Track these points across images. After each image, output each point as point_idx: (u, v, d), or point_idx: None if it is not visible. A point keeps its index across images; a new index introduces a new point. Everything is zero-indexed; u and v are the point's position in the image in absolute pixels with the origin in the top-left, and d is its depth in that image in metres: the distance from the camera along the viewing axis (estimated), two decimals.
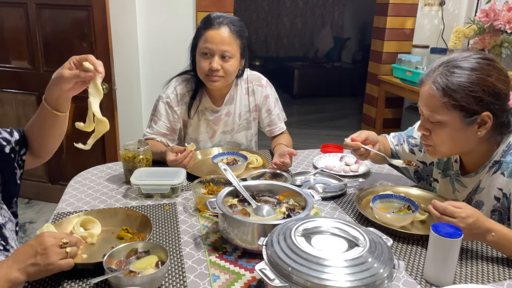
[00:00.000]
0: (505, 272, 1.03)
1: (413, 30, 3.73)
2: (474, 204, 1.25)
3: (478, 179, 1.24)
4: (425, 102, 1.20)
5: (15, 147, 1.15)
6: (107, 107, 2.54)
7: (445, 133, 1.17)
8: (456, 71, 1.13)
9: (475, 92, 1.10)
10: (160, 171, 1.43)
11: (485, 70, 1.11)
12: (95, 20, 2.44)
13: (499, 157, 1.18)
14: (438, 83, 1.14)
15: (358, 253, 0.84)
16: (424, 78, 1.22)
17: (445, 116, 1.14)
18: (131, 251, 0.97)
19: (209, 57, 1.59)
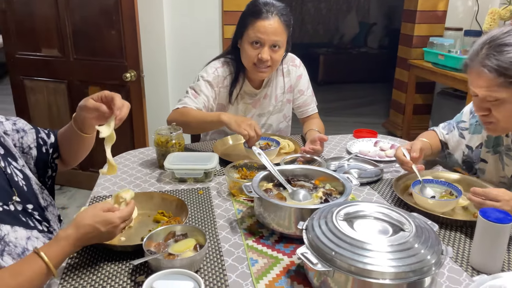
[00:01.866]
0: None
1: (445, 12, 3.59)
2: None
3: None
4: (479, 85, 1.15)
5: (49, 149, 1.21)
6: (135, 94, 2.56)
7: (506, 110, 1.14)
8: (504, 49, 1.09)
9: None
10: (193, 155, 1.42)
11: None
12: (123, 8, 2.44)
13: None
14: (489, 65, 1.10)
15: (404, 238, 0.81)
16: (469, 63, 1.18)
17: (504, 93, 1.11)
18: (169, 234, 0.97)
19: (259, 47, 1.57)
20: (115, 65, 2.55)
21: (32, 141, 1.17)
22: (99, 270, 0.93)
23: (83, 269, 0.93)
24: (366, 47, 7.29)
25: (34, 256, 0.85)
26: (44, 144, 1.19)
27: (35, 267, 0.84)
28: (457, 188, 1.19)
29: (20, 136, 1.15)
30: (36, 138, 1.18)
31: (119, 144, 1.79)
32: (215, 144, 1.63)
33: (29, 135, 1.17)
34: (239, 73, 1.70)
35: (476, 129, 1.42)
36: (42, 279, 0.85)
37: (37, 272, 0.84)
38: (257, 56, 1.57)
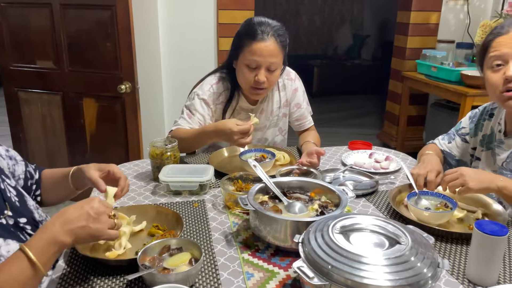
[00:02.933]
0: None
1: (437, 25, 3.65)
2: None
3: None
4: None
5: (33, 185, 1.20)
6: (130, 105, 2.55)
7: None
8: None
9: None
10: (188, 168, 1.42)
11: None
12: (119, 20, 2.45)
13: None
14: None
15: (400, 251, 0.81)
16: (501, 30, 1.25)
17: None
18: (164, 248, 0.96)
19: (255, 69, 1.56)
20: (110, 77, 2.55)
21: (21, 172, 1.17)
22: (92, 285, 0.92)
23: (76, 284, 0.92)
24: (360, 59, 7.36)
25: (19, 252, 0.80)
26: (30, 178, 1.19)
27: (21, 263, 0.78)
28: (452, 200, 1.19)
29: (12, 163, 1.15)
30: (25, 171, 1.18)
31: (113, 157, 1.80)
32: (210, 156, 1.63)
33: (19, 165, 1.17)
34: (235, 90, 1.70)
35: (474, 132, 1.49)
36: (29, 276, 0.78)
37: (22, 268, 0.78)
38: (254, 78, 1.56)
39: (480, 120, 1.48)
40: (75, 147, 2.85)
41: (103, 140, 2.77)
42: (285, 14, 7.38)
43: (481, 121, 1.47)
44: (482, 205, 1.23)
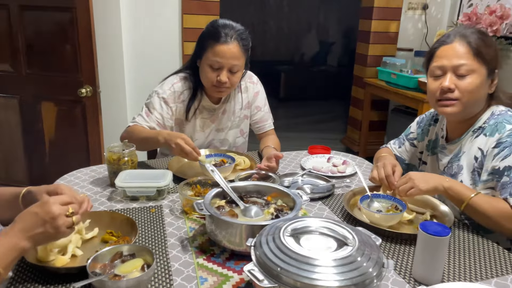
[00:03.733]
0: (492, 270, 1.04)
1: (397, 33, 3.78)
2: (455, 169, 1.35)
3: (461, 144, 1.36)
4: (457, 56, 1.27)
5: None
6: (91, 109, 2.50)
7: (474, 83, 1.26)
8: (480, 34, 1.28)
9: (495, 50, 1.29)
10: (146, 173, 1.40)
11: (492, 38, 1.38)
12: (79, 22, 2.40)
13: (483, 123, 1.32)
14: (469, 42, 1.26)
15: (347, 253, 0.83)
16: (447, 40, 1.31)
17: (476, 66, 1.26)
18: (116, 254, 0.95)
19: (218, 69, 1.59)
20: (70, 80, 2.49)
21: None
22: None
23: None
24: (326, 65, 7.52)
25: None
26: None
27: None
28: (402, 202, 1.24)
29: None
30: None
31: (73, 163, 1.76)
32: (170, 161, 1.62)
33: None
34: (198, 89, 1.71)
35: (421, 137, 1.56)
36: None
37: None
38: (216, 78, 1.59)
39: (426, 125, 1.55)
40: (33, 153, 2.76)
41: (63, 145, 2.70)
42: (253, 20, 7.44)
43: (427, 126, 1.54)
44: (430, 207, 1.28)
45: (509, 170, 1.19)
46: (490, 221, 1.19)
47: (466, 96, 1.26)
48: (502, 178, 1.20)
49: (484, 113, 1.33)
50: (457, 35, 1.28)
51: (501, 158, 1.21)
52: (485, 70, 1.26)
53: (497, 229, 1.21)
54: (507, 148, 1.21)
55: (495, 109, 1.32)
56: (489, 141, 1.27)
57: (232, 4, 6.81)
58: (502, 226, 1.17)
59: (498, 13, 2.94)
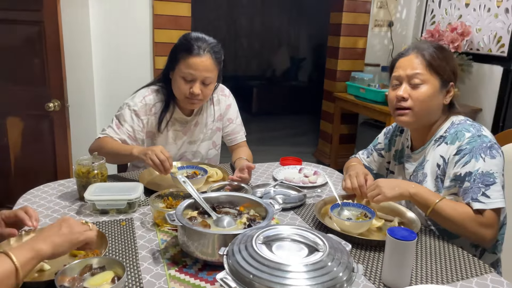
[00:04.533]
0: (457, 273, 1.07)
1: (364, 49, 3.90)
2: (420, 177, 1.40)
3: (424, 153, 1.42)
4: (411, 67, 1.35)
5: None
6: (59, 124, 2.45)
7: (426, 92, 1.33)
8: (436, 48, 1.36)
9: (450, 63, 1.36)
10: (116, 186, 1.38)
11: (450, 51, 1.40)
12: (47, 36, 2.36)
13: (444, 132, 1.38)
14: (423, 54, 1.34)
15: (318, 258, 0.85)
16: (405, 52, 1.40)
17: (428, 76, 1.33)
18: (85, 267, 0.92)
19: (190, 81, 1.60)
20: (37, 94, 2.43)
21: None
22: None
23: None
24: (296, 81, 7.65)
25: (3, 256, 0.81)
26: None
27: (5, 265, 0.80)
28: (371, 210, 1.27)
29: None
30: None
31: (41, 179, 1.71)
32: (141, 174, 1.60)
33: None
34: (170, 101, 1.71)
35: (388, 147, 1.61)
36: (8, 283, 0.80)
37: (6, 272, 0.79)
38: (189, 90, 1.60)
39: (393, 136, 1.60)
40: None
41: (30, 161, 2.62)
42: (225, 36, 7.51)
43: (394, 137, 1.60)
44: (398, 214, 1.32)
45: (469, 176, 1.25)
46: (455, 225, 1.23)
47: (418, 105, 1.34)
48: (464, 183, 1.26)
49: (445, 123, 1.40)
50: (414, 49, 1.37)
51: (462, 164, 1.27)
52: (438, 81, 1.34)
53: (462, 233, 1.26)
54: (467, 155, 1.27)
55: (455, 119, 1.39)
56: (450, 149, 1.32)
57: (204, 20, 6.87)
58: (466, 229, 1.22)
59: (459, 30, 3.09)
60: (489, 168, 1.24)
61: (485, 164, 1.24)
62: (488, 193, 1.22)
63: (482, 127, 1.34)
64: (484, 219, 1.21)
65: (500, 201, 1.22)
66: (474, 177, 1.24)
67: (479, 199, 1.22)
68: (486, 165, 1.24)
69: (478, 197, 1.22)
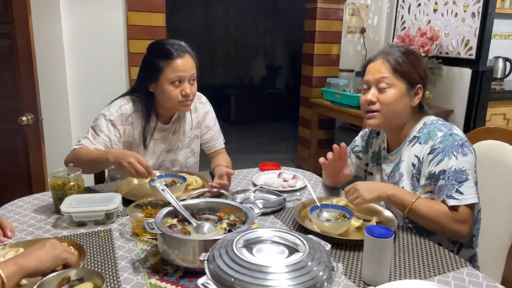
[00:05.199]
0: (435, 268, 1.10)
1: (339, 55, 3.98)
2: (397, 177, 1.43)
3: (400, 154, 1.46)
4: (378, 71, 1.40)
5: None
6: (33, 138, 2.39)
7: (392, 95, 1.38)
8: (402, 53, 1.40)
9: (416, 67, 1.40)
10: (93, 197, 1.36)
11: (419, 55, 1.49)
12: (19, 49, 2.32)
13: (417, 133, 1.42)
14: (389, 59, 1.39)
15: (298, 258, 0.86)
16: (373, 58, 1.45)
17: (394, 80, 1.38)
18: (63, 280, 0.91)
19: (180, 84, 1.61)
20: (9, 108, 2.37)
21: None
22: None
23: None
24: (274, 88, 7.70)
25: None
26: None
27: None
28: (349, 210, 1.29)
29: None
30: None
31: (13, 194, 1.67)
32: (118, 185, 1.58)
33: None
34: (149, 111, 1.70)
35: (365, 149, 1.64)
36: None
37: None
38: (181, 92, 1.61)
39: (369, 138, 1.64)
40: None
41: (3, 176, 2.55)
42: (201, 45, 7.52)
43: (370, 139, 1.63)
44: (375, 214, 1.35)
45: (443, 174, 1.28)
46: (431, 222, 1.27)
47: (386, 108, 1.39)
48: (439, 181, 1.29)
49: (417, 123, 1.44)
50: (382, 54, 1.42)
51: (436, 163, 1.31)
52: (404, 85, 1.38)
53: (438, 229, 1.29)
54: (440, 153, 1.31)
55: (427, 119, 1.44)
56: (424, 148, 1.36)
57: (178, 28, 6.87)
58: (442, 226, 1.26)
59: (429, 35, 3.19)
60: (461, 165, 1.28)
61: (457, 161, 1.28)
62: (462, 189, 1.26)
63: (453, 126, 1.38)
64: (459, 215, 1.25)
65: (473, 197, 1.26)
66: (448, 174, 1.28)
67: (453, 196, 1.26)
68: (459, 163, 1.28)
69: (452, 194, 1.26)
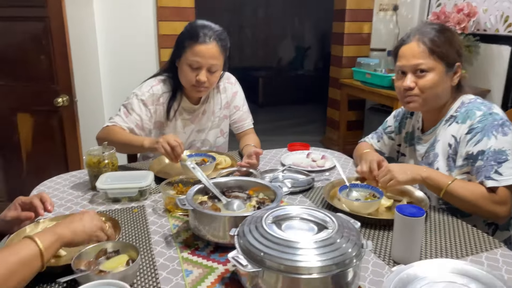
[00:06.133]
0: (467, 249, 1.08)
1: (370, 34, 3.87)
2: (432, 158, 1.40)
3: (435, 134, 1.42)
4: (414, 56, 1.34)
5: None
6: (68, 119, 2.48)
7: (431, 79, 1.33)
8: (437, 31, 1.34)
9: (454, 44, 1.34)
10: (127, 174, 1.41)
11: (454, 31, 1.41)
12: (53, 31, 2.38)
13: (454, 112, 1.38)
14: (424, 40, 1.32)
15: (327, 235, 0.86)
16: (406, 39, 1.38)
17: (432, 63, 1.32)
18: (100, 251, 0.95)
19: (197, 69, 1.61)
20: (45, 90, 2.46)
21: None
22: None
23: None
24: (302, 70, 7.61)
25: (28, 241, 0.84)
26: None
27: (31, 248, 0.83)
28: (379, 190, 1.28)
29: None
30: None
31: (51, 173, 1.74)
32: (151, 163, 1.62)
33: None
34: (177, 90, 1.72)
35: (399, 130, 1.60)
36: (34, 265, 0.84)
37: (32, 255, 0.83)
38: (195, 77, 1.61)
39: (403, 118, 1.60)
40: (9, 166, 2.70)
41: (41, 156, 2.66)
42: (229, 27, 7.46)
43: (404, 119, 1.60)
44: (406, 194, 1.33)
45: (482, 154, 1.24)
46: (468, 204, 1.24)
47: (426, 92, 1.34)
48: (477, 162, 1.26)
49: (455, 102, 1.39)
50: (416, 34, 1.35)
51: (474, 143, 1.27)
52: (443, 66, 1.33)
53: (476, 212, 1.26)
54: (479, 133, 1.27)
55: (465, 98, 1.39)
56: (462, 128, 1.32)
57: (208, 11, 6.84)
58: (480, 208, 1.22)
59: (465, 11, 3.06)
60: (501, 145, 1.24)
61: (497, 141, 1.24)
62: (501, 170, 1.22)
63: (493, 105, 1.33)
64: (497, 196, 1.21)
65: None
66: (487, 155, 1.24)
67: (492, 177, 1.22)
68: (498, 143, 1.24)
69: (491, 175, 1.22)
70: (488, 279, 0.82)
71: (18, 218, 1.08)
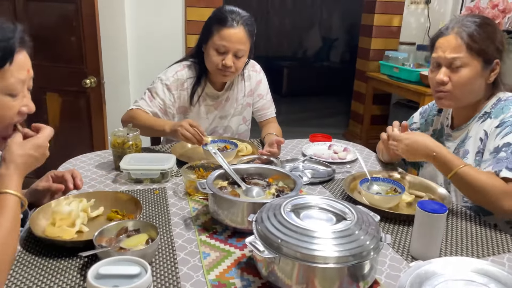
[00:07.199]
0: (488, 248, 1.06)
1: (399, 27, 3.79)
2: (461, 154, 1.36)
3: (467, 130, 1.38)
4: (451, 49, 1.29)
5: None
6: (95, 100, 2.53)
7: (466, 75, 1.28)
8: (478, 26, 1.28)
9: (494, 40, 1.28)
10: (150, 157, 1.43)
11: (495, 25, 1.35)
12: (84, 14, 2.43)
13: (489, 108, 1.33)
14: (462, 35, 1.27)
15: (345, 226, 0.86)
16: (445, 31, 1.32)
17: (469, 59, 1.27)
18: (121, 229, 0.97)
19: (223, 53, 1.62)
20: (74, 71, 2.52)
21: None
22: (47, 265, 0.92)
23: (31, 265, 0.92)
24: (328, 61, 7.52)
25: (3, 196, 0.87)
26: None
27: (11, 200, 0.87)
28: (401, 185, 1.26)
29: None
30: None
31: (77, 153, 1.80)
32: (173, 146, 1.65)
33: None
34: (202, 76, 1.74)
35: (425, 127, 1.56)
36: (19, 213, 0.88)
37: (16, 207, 0.87)
38: (221, 62, 1.62)
39: (430, 115, 1.56)
40: None
41: (67, 136, 2.72)
42: (256, 15, 7.41)
43: (432, 116, 1.55)
44: (429, 190, 1.30)
45: (507, 146, 1.19)
46: (477, 190, 1.17)
47: (458, 89, 1.30)
48: (499, 153, 1.20)
49: (491, 99, 1.34)
50: (455, 27, 1.29)
51: (502, 136, 1.22)
52: (480, 62, 1.27)
53: (481, 201, 1.20)
54: (509, 126, 1.22)
55: (502, 95, 1.33)
56: (493, 122, 1.28)
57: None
58: (486, 196, 1.15)
59: (501, 7, 2.94)
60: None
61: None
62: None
63: None
64: (507, 187, 1.14)
65: None
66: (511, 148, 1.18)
67: (509, 167, 1.16)
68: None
69: (510, 166, 1.16)
70: (509, 280, 0.80)
71: (49, 189, 1.13)
